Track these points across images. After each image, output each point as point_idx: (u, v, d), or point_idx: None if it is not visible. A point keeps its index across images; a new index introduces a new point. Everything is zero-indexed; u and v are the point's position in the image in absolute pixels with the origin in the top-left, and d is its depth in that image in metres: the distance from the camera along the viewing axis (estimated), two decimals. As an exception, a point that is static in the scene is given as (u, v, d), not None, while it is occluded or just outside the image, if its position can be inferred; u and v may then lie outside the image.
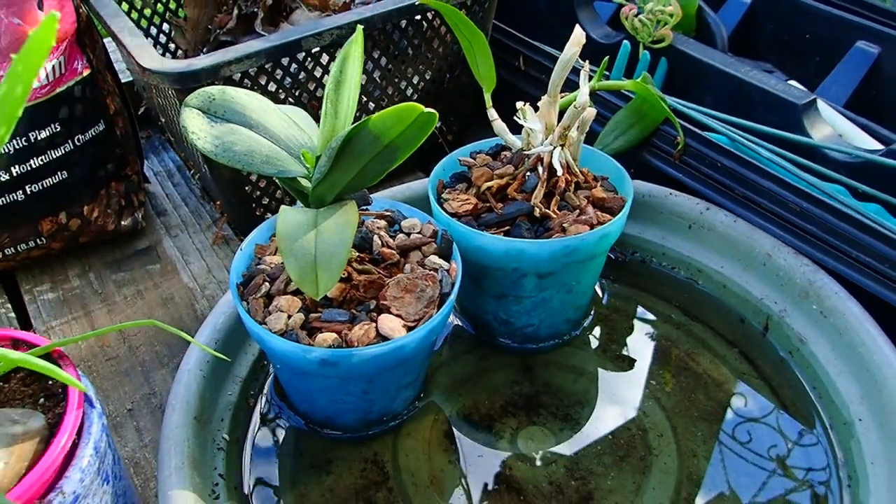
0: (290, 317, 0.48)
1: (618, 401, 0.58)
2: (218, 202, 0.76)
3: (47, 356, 0.45)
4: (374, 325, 0.47)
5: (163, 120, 0.80)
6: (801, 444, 0.54)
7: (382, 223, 0.54)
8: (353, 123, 0.45)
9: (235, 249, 0.73)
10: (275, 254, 0.52)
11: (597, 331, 0.64)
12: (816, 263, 0.58)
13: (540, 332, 0.60)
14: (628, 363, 0.61)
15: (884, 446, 0.49)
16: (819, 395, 0.56)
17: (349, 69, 0.45)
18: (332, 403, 0.52)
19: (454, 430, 0.56)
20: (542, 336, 0.60)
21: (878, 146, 0.68)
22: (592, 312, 0.64)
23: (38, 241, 0.69)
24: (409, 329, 0.47)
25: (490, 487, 0.52)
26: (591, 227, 0.54)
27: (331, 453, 0.55)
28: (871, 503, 0.47)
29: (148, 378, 0.63)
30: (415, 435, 0.56)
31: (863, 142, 0.70)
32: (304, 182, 0.48)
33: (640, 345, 0.62)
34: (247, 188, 0.70)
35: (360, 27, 0.46)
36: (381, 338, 0.47)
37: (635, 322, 0.64)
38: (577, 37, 0.51)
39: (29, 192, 0.65)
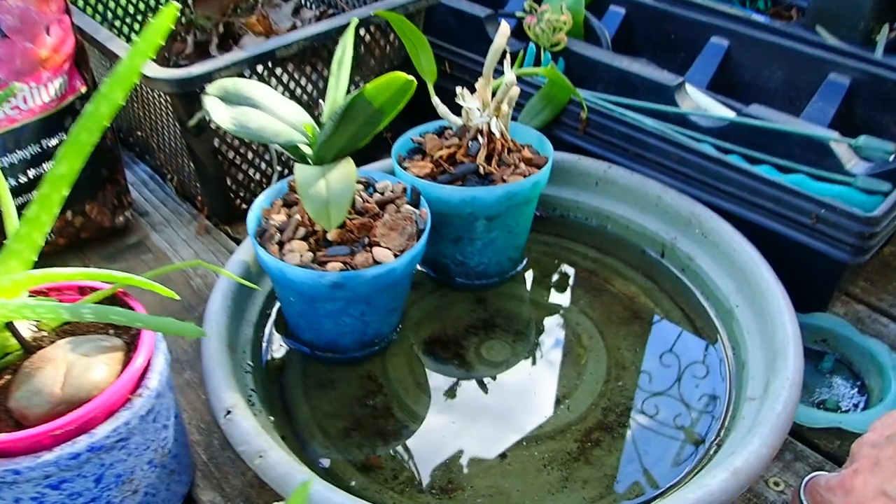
0: (302, 256, 0.61)
1: (555, 317, 0.73)
2: (199, 198, 0.88)
3: (112, 298, 0.56)
4: (370, 254, 0.61)
5: (139, 133, 0.91)
6: (697, 331, 0.71)
7: (360, 186, 0.68)
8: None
9: (218, 238, 0.86)
10: (279, 213, 0.65)
11: (532, 269, 0.79)
12: (695, 199, 0.75)
13: (489, 269, 0.75)
14: (560, 290, 0.76)
15: (755, 320, 0.66)
16: (706, 296, 0.73)
17: (345, 54, 0.60)
18: (336, 327, 0.65)
19: (429, 348, 0.70)
20: (491, 273, 0.75)
21: (733, 114, 0.87)
22: (527, 257, 0.80)
23: (47, 237, 0.79)
24: (397, 256, 0.61)
25: (462, 385, 0.66)
26: (524, 177, 0.69)
27: (332, 374, 0.67)
28: (750, 359, 0.64)
29: (162, 340, 0.74)
30: (398, 355, 0.69)
31: (721, 112, 0.88)
32: (306, 148, 0.62)
33: (567, 277, 0.78)
34: (228, 181, 0.83)
35: (354, 19, 0.60)
36: (377, 264, 0.60)
37: (561, 262, 0.80)
38: (504, 29, 0.67)
39: (41, 192, 0.76)
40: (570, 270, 0.79)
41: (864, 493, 0.47)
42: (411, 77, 0.56)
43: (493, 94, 0.70)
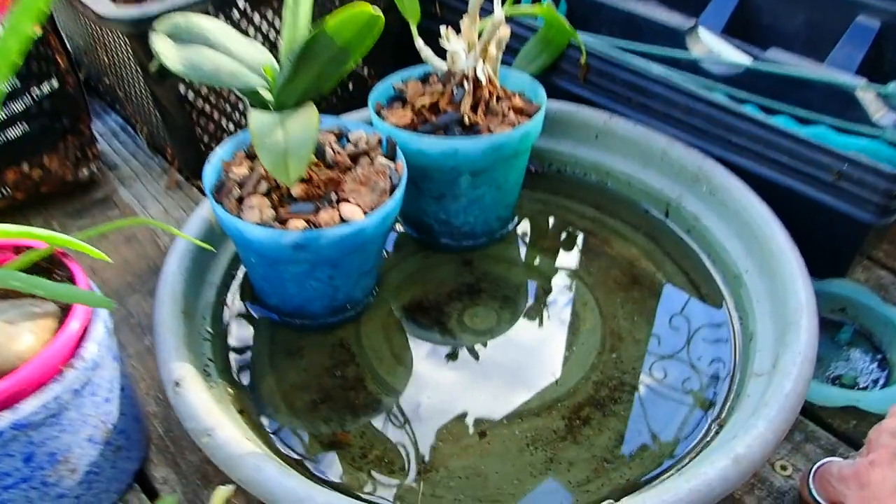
0: (262, 212, 0.55)
1: (546, 282, 0.67)
2: (168, 150, 0.82)
3: (50, 258, 0.51)
4: (337, 211, 0.55)
5: (107, 81, 0.85)
6: (702, 298, 0.64)
7: (332, 137, 0.62)
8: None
9: (189, 193, 0.80)
10: (241, 165, 0.59)
11: (524, 229, 0.73)
12: (704, 153, 0.69)
13: (476, 228, 0.69)
14: (553, 252, 0.70)
15: (764, 286, 0.60)
16: (713, 260, 0.67)
17: (303, -16, 0.53)
18: (302, 291, 0.59)
19: (409, 314, 0.64)
20: (478, 233, 0.69)
21: (749, 60, 0.80)
22: (519, 216, 0.74)
23: (3, 191, 0.73)
24: (367, 214, 0.55)
25: (441, 355, 0.61)
26: (513, 127, 0.62)
27: (301, 341, 0.62)
28: (759, 329, 0.58)
29: (123, 303, 0.69)
30: (374, 321, 0.64)
31: (736, 58, 0.81)
32: (266, 94, 0.55)
33: (562, 238, 0.72)
34: (197, 131, 0.77)
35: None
36: (344, 222, 0.54)
37: (556, 221, 0.74)
38: (491, -40, 0.59)
39: (-7, 144, 0.70)
40: (566, 231, 0.73)
41: (882, 488, 0.42)
42: (377, 10, 0.49)
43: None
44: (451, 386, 0.58)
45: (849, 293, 0.65)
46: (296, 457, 0.53)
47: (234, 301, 0.64)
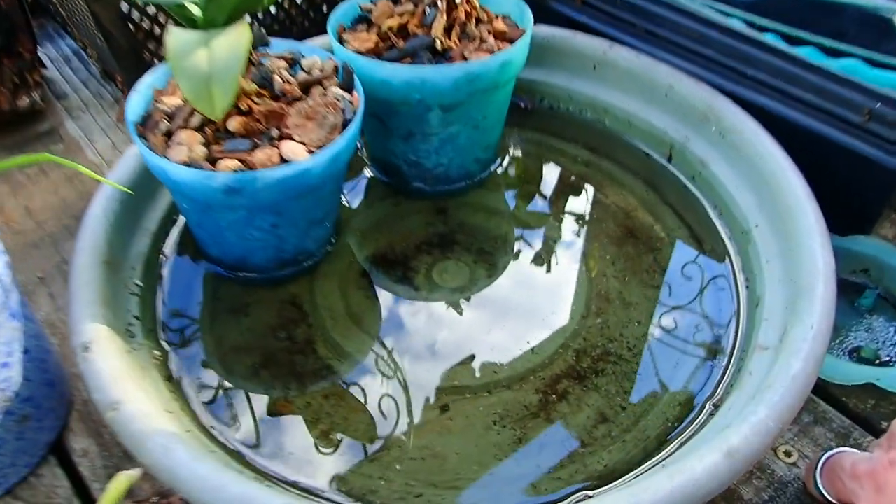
0: (191, 150, 0.47)
1: (529, 234, 0.59)
2: (119, 78, 0.74)
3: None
4: (277, 150, 0.47)
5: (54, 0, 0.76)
6: (704, 257, 0.56)
7: (283, 63, 0.54)
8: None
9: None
10: (174, 94, 0.51)
11: (508, 173, 0.65)
12: (715, 88, 0.60)
13: (451, 172, 0.60)
14: (539, 200, 0.62)
15: (776, 244, 0.52)
16: (719, 212, 0.58)
17: None
18: (243, 241, 0.51)
19: (371, 268, 0.57)
20: (454, 177, 0.61)
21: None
22: (504, 158, 0.65)
23: (-71, 120, 0.66)
24: (313, 153, 0.47)
25: (404, 316, 0.54)
26: (491, 54, 0.54)
27: (248, 297, 0.55)
28: (767, 294, 0.50)
29: (58, 248, 0.62)
30: (331, 276, 0.56)
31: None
32: (194, 8, 0.47)
33: (551, 183, 0.64)
34: (146, 55, 0.68)
35: None
36: (285, 163, 0.47)
37: (545, 164, 0.65)
38: None
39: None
40: (556, 175, 0.64)
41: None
42: None
43: (457, -54, 0.54)
44: (412, 351, 0.51)
45: (873, 252, 0.57)
46: (225, 433, 0.46)
47: (173, 251, 0.57)
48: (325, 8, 0.79)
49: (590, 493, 0.43)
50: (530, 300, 0.54)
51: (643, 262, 0.57)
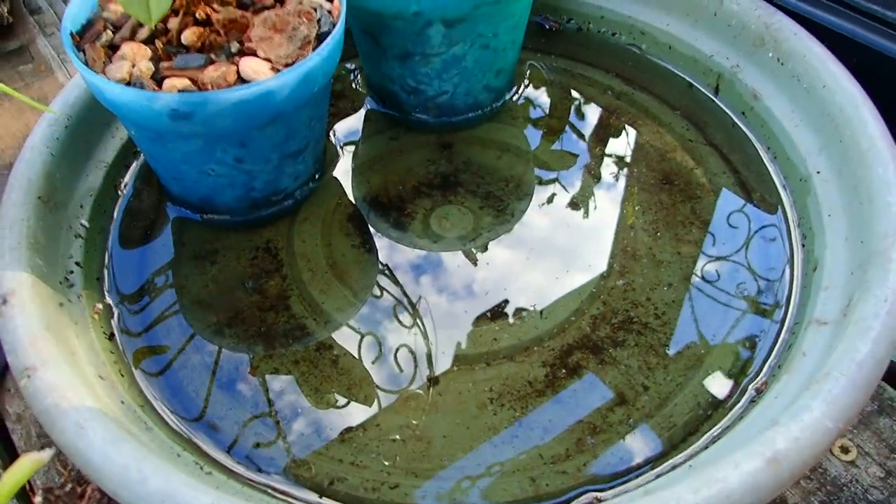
0: (134, 66, 0.39)
1: (547, 176, 0.51)
2: (95, -10, 0.66)
3: None
4: (234, 67, 0.39)
5: None
6: (752, 207, 0.48)
7: (256, -34, 0.45)
8: None
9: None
10: (122, 1, 0.43)
11: (526, 104, 0.56)
12: (773, 4, 0.50)
13: (456, 100, 0.52)
14: (560, 137, 0.53)
15: (842, 194, 0.43)
16: (773, 155, 0.49)
17: None
18: (204, 177, 0.44)
19: (358, 213, 0.49)
20: (460, 107, 0.52)
21: None
22: (521, 86, 0.56)
23: None
24: (278, 72, 0.39)
25: (395, 269, 0.46)
26: (505, -43, 0.45)
27: (217, 243, 0.48)
28: (828, 256, 0.41)
29: (15, 181, 0.54)
30: (313, 220, 0.49)
31: None
32: None
33: (575, 118, 0.55)
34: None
35: None
36: (244, 83, 0.39)
37: (570, 94, 0.56)
38: None
39: None
40: (583, 108, 0.55)
41: None
42: None
43: None
44: (400, 313, 0.44)
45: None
46: (170, 405, 0.40)
47: (131, 187, 0.50)
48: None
49: (599, 495, 0.36)
50: (542, 255, 0.46)
51: (679, 212, 0.48)
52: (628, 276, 0.45)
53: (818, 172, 0.45)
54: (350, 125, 0.55)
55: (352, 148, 0.53)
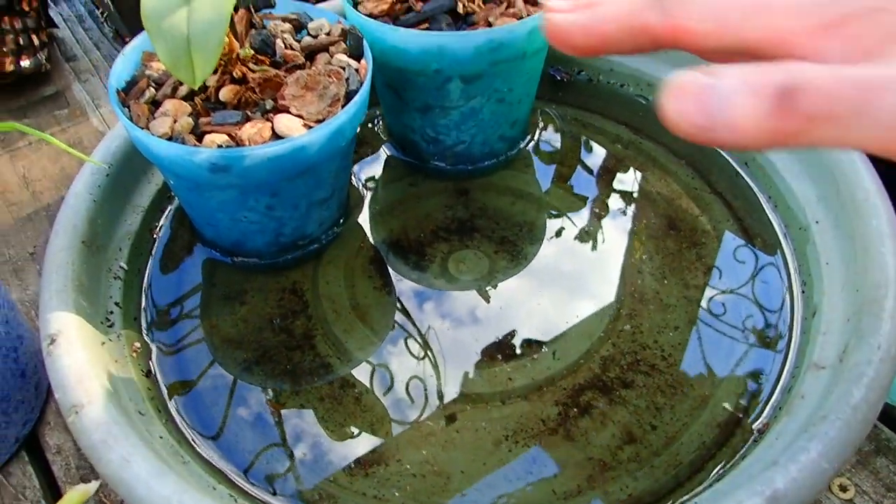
0: (176, 121, 0.42)
1: (559, 222, 0.53)
2: (128, 40, 0.69)
3: None
4: (269, 124, 0.42)
5: (65, -47, 0.72)
6: (754, 255, 0.50)
7: (287, 27, 0.48)
8: None
9: (150, 90, 0.67)
10: (163, 59, 0.46)
11: (538, 152, 0.58)
12: (774, 62, 0.53)
13: (473, 150, 0.55)
14: (572, 185, 0.56)
15: (839, 243, 0.45)
16: (774, 204, 0.52)
17: None
18: (237, 224, 0.47)
19: (380, 256, 0.52)
20: (476, 155, 0.55)
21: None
22: (534, 135, 0.59)
23: (-75, 81, 0.62)
24: (311, 128, 0.42)
25: (415, 310, 0.48)
26: (519, 19, 0.48)
27: (246, 284, 0.50)
28: (825, 303, 0.44)
29: (53, 222, 0.58)
30: (337, 262, 0.51)
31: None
32: (182, -37, 0.42)
33: (585, 165, 0.57)
34: (154, 17, 0.63)
35: None
36: (279, 138, 0.42)
37: (580, 143, 0.59)
38: None
39: None
40: (592, 157, 0.58)
41: None
42: None
43: None
44: (419, 352, 0.46)
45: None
46: (204, 440, 0.42)
47: (166, 230, 0.53)
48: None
49: (608, 529, 0.38)
50: (554, 298, 0.49)
51: (685, 257, 0.50)
52: (637, 319, 0.47)
53: (817, 222, 0.47)
54: (372, 171, 0.58)
55: (373, 193, 0.56)
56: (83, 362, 0.39)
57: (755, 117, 0.21)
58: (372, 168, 0.58)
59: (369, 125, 0.61)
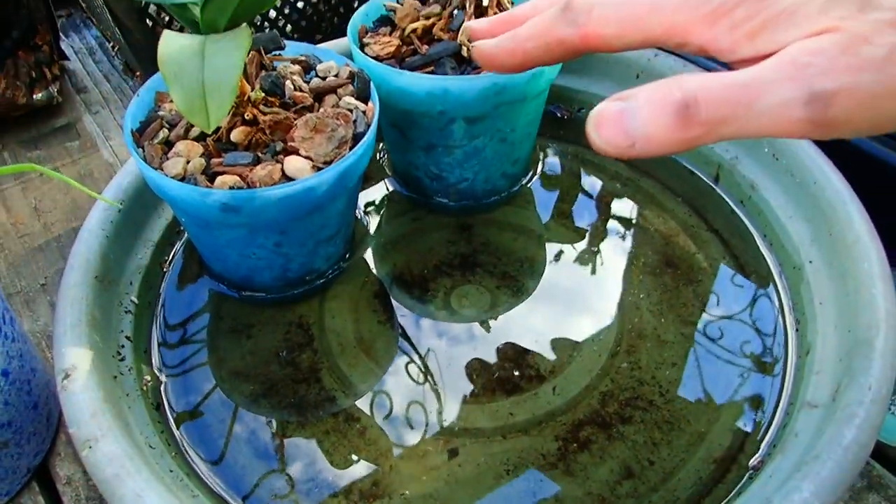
0: (188, 162, 0.44)
1: (559, 259, 0.55)
2: (138, 74, 0.71)
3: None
4: (279, 165, 0.43)
5: (78, -11, 0.74)
6: (750, 292, 0.51)
7: (296, 68, 0.50)
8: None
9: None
10: (176, 100, 0.48)
11: (539, 189, 0.60)
12: (769, 104, 0.54)
13: (476, 187, 0.56)
14: (571, 221, 0.57)
15: (832, 283, 0.46)
16: (769, 243, 0.53)
17: None
18: (245, 260, 0.48)
19: (384, 290, 0.53)
20: (479, 192, 0.57)
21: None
22: (535, 172, 0.61)
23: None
24: (319, 169, 0.43)
25: (418, 345, 0.49)
26: (523, 63, 0.49)
27: (252, 317, 0.51)
28: (818, 342, 0.45)
29: (63, 253, 0.59)
30: (342, 297, 0.52)
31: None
32: (197, 11, 0.43)
33: (585, 202, 0.59)
34: (165, 53, 0.65)
35: None
36: (288, 179, 0.43)
37: (580, 180, 0.60)
38: None
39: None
40: (591, 194, 0.59)
41: None
42: None
43: (489, -56, 0.50)
44: (422, 385, 0.47)
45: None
46: (212, 472, 0.43)
47: (176, 264, 0.54)
48: (356, 3, 0.75)
49: (607, 564, 0.39)
50: (555, 333, 0.50)
51: (682, 294, 0.52)
52: (635, 356, 0.48)
53: (810, 262, 0.49)
54: (376, 206, 0.59)
55: (377, 228, 0.57)
56: (96, 396, 0.40)
57: (665, 128, 0.25)
58: (376, 202, 0.59)
59: (375, 160, 0.63)
